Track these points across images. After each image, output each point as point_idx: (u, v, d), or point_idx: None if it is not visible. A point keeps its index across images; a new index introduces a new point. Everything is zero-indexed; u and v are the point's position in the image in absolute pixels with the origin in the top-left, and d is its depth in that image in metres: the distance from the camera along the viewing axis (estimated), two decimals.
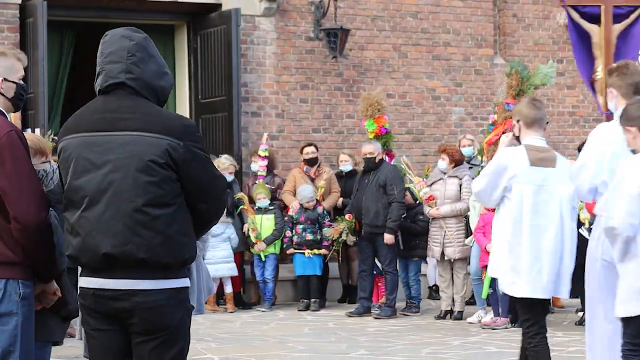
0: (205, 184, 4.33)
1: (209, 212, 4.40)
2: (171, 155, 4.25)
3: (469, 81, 15.27)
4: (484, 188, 6.73)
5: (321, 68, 14.43)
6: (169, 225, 4.24)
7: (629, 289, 5.55)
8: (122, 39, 4.39)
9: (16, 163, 4.50)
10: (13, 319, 4.51)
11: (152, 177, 4.23)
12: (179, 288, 4.32)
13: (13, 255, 4.52)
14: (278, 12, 14.19)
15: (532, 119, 6.63)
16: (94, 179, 4.28)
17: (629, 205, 5.46)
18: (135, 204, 4.22)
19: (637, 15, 8.46)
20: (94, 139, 4.32)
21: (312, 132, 14.34)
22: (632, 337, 5.58)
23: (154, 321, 4.27)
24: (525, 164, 6.55)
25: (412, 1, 15.00)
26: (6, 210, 4.48)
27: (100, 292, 4.29)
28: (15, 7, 12.94)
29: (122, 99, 4.36)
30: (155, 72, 4.40)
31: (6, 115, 4.69)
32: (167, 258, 4.25)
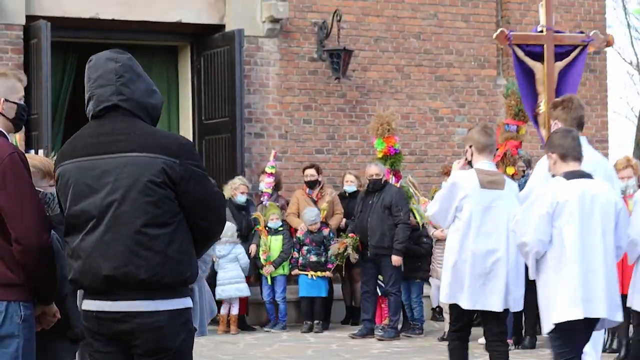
0: (204, 201, 4.33)
1: (209, 228, 4.40)
2: (168, 174, 4.25)
3: (472, 102, 15.27)
4: (439, 210, 7.39)
5: (324, 89, 14.44)
6: (168, 245, 4.24)
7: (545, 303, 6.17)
8: (107, 61, 4.40)
9: (18, 185, 4.50)
10: (14, 341, 4.50)
11: (150, 197, 4.23)
12: (180, 309, 4.31)
13: (14, 277, 4.51)
14: (281, 33, 14.21)
15: (483, 144, 7.28)
16: (94, 202, 4.29)
17: (538, 224, 6.08)
18: (134, 225, 4.22)
19: (577, 53, 9.14)
20: (90, 163, 4.33)
21: (316, 152, 14.33)
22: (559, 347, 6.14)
23: (156, 342, 4.26)
24: (476, 186, 7.17)
25: (415, 22, 15.02)
26: (8, 232, 4.48)
27: (102, 315, 4.29)
28: (19, 28, 12.97)
29: (115, 121, 4.36)
30: (145, 90, 4.41)
31: (7, 136, 4.68)
32: (168, 278, 4.24)
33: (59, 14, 13.17)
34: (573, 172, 6.20)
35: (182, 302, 4.32)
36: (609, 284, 6.16)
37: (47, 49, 12.69)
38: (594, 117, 15.98)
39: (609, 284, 6.16)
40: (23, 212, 4.47)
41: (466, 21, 15.27)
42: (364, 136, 14.12)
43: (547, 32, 9.05)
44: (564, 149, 6.25)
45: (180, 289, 4.31)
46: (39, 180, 4.91)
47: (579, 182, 6.15)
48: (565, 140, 6.26)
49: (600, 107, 16.10)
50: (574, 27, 15.86)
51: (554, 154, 6.28)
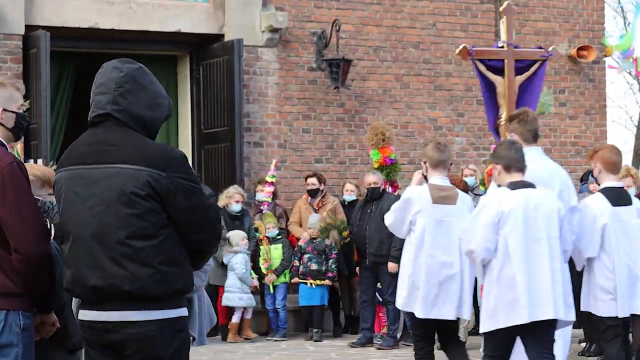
0: (195, 214, 4.28)
1: (201, 242, 4.35)
2: (153, 186, 4.22)
3: (471, 111, 15.28)
4: (393, 221, 7.83)
5: (323, 98, 14.45)
6: (154, 257, 4.21)
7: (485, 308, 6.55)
8: (112, 70, 4.40)
9: (18, 194, 4.51)
10: (14, 351, 4.50)
11: (135, 210, 4.22)
12: (172, 319, 4.28)
13: (14, 287, 4.52)
14: (280, 42, 14.23)
15: (437, 160, 7.65)
16: (81, 212, 4.30)
17: (484, 232, 6.42)
18: (118, 237, 4.22)
19: (537, 67, 9.55)
20: (81, 172, 4.34)
21: (315, 162, 14.35)
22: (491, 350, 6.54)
23: (147, 352, 4.26)
24: (428, 201, 7.57)
25: (414, 32, 15.04)
26: (7, 242, 4.48)
27: (95, 325, 4.30)
28: (19, 38, 12.98)
29: (109, 131, 4.36)
30: (145, 103, 4.37)
31: (6, 146, 4.69)
32: (155, 290, 4.22)
33: (59, 23, 13.19)
34: (517, 182, 6.53)
35: (175, 312, 4.30)
36: (556, 287, 6.44)
37: (47, 58, 12.70)
38: (593, 126, 15.99)
39: (556, 287, 6.44)
40: (22, 222, 4.47)
41: (465, 31, 15.30)
42: (363, 145, 14.12)
43: (508, 47, 9.47)
44: (508, 160, 6.58)
45: (172, 300, 4.29)
46: (38, 189, 4.92)
47: (523, 192, 6.48)
48: (509, 152, 6.59)
49: (599, 117, 16.12)
50: (572, 37, 15.91)
51: (499, 165, 6.64)
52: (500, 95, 9.40)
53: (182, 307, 4.36)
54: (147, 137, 4.38)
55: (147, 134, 4.39)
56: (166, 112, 4.47)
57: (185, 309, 4.38)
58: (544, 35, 15.72)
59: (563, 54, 15.71)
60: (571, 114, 15.82)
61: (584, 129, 15.87)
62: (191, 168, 4.38)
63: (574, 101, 15.86)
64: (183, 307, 4.36)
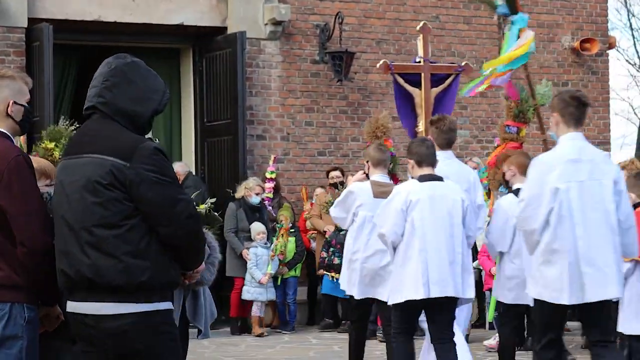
0: (159, 207, 4.26)
1: (171, 236, 4.29)
2: (116, 176, 4.25)
3: (474, 104, 15.27)
4: (337, 214, 8.61)
5: (326, 91, 14.44)
6: (117, 247, 4.23)
7: (392, 284, 7.44)
8: (105, 65, 4.49)
9: (23, 188, 4.52)
10: (18, 343, 4.51)
11: (97, 198, 4.26)
12: (149, 312, 4.27)
13: (18, 279, 4.53)
14: (283, 35, 14.22)
15: (378, 160, 8.44)
16: (61, 200, 4.40)
17: (394, 217, 7.29)
18: (84, 225, 4.28)
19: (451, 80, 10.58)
20: (68, 162, 4.45)
21: (318, 155, 14.35)
22: (397, 323, 7.44)
23: (124, 346, 4.28)
24: (370, 196, 8.26)
25: (417, 24, 15.00)
26: (12, 234, 4.50)
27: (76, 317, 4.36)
28: (22, 31, 12.98)
29: (94, 123, 4.45)
30: (132, 97, 4.40)
31: (12, 139, 4.70)
32: (118, 280, 4.22)
33: (61, 16, 13.19)
34: (426, 175, 7.40)
35: (151, 305, 4.27)
36: (455, 267, 7.26)
37: (50, 51, 12.70)
38: (596, 118, 15.99)
39: (455, 267, 7.26)
40: (28, 215, 4.50)
41: (468, 23, 15.28)
42: None
43: (424, 62, 10.56)
44: (419, 156, 7.44)
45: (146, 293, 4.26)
46: None
47: (430, 184, 7.36)
48: (420, 149, 7.45)
49: (602, 109, 16.11)
50: (576, 30, 15.90)
51: (412, 160, 7.51)
52: (418, 105, 10.42)
53: (163, 300, 4.32)
54: (133, 130, 4.40)
55: (133, 127, 4.42)
56: (155, 107, 4.47)
57: (166, 303, 4.35)
58: (547, 28, 15.71)
59: (566, 47, 15.70)
60: None
61: (587, 122, 15.82)
62: (163, 161, 4.33)
63: None
64: (163, 302, 4.33)
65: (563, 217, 6.41)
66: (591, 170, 6.48)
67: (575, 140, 6.53)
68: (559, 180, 6.43)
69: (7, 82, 4.71)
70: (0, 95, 4.68)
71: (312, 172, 14.27)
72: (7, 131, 4.69)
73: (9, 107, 4.70)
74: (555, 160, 6.51)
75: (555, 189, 6.41)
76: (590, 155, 6.55)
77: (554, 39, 15.75)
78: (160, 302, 4.32)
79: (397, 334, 7.51)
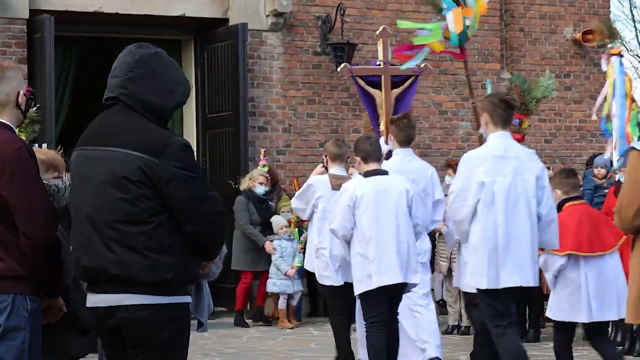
0: (187, 205, 4.22)
1: (196, 234, 4.27)
2: (145, 172, 4.19)
3: (476, 95, 15.22)
4: (298, 205, 9.19)
5: (328, 83, 14.43)
6: (143, 244, 4.19)
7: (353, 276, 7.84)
8: (127, 54, 4.39)
9: (26, 179, 4.51)
10: (21, 334, 4.51)
11: (125, 194, 4.20)
12: (164, 305, 4.26)
13: (21, 270, 4.52)
14: (285, 27, 14.20)
15: (335, 154, 8.92)
16: (81, 192, 4.33)
17: (342, 213, 7.73)
18: (107, 220, 4.22)
19: (411, 82, 11.14)
20: (87, 153, 4.37)
21: (319, 146, 14.32)
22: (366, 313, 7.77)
23: (141, 337, 4.27)
24: (328, 188, 8.75)
25: (419, 16, 14.98)
26: (15, 226, 4.49)
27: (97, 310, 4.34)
28: (23, 22, 12.96)
29: (117, 114, 4.37)
30: (156, 89, 4.34)
31: (14, 130, 4.70)
32: (143, 277, 4.20)
33: (63, 7, 13.17)
34: (371, 170, 7.79)
35: (169, 299, 4.26)
36: (401, 256, 7.64)
37: (51, 42, 12.69)
38: None
39: (401, 256, 7.64)
40: (31, 206, 4.48)
41: None
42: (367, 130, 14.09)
43: (384, 65, 11.04)
44: (365, 152, 7.82)
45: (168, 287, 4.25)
46: (43, 172, 4.93)
47: (375, 178, 7.75)
48: (365, 146, 7.82)
49: None
50: (578, 21, 15.87)
51: (358, 157, 7.90)
52: (379, 106, 10.90)
53: (183, 295, 4.32)
54: (155, 122, 4.35)
55: (156, 119, 4.37)
56: (178, 99, 4.43)
57: (185, 297, 4.35)
58: (549, 19, 15.69)
59: (568, 38, 15.68)
60: (576, 98, 15.78)
61: (589, 114, 15.80)
62: (192, 157, 4.32)
63: (579, 85, 15.82)
64: (183, 295, 4.33)
65: (488, 208, 6.93)
66: (515, 166, 6.99)
67: (501, 139, 7.07)
68: (485, 175, 6.95)
69: (13, 72, 4.72)
70: (10, 86, 4.67)
71: (314, 163, 14.20)
72: (12, 122, 4.68)
73: (19, 97, 4.70)
74: (482, 157, 7.07)
75: (482, 182, 6.93)
76: (515, 153, 7.08)
77: (556, 30, 15.73)
78: (181, 295, 4.32)
79: (369, 324, 7.76)
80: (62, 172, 5.11)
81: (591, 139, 15.67)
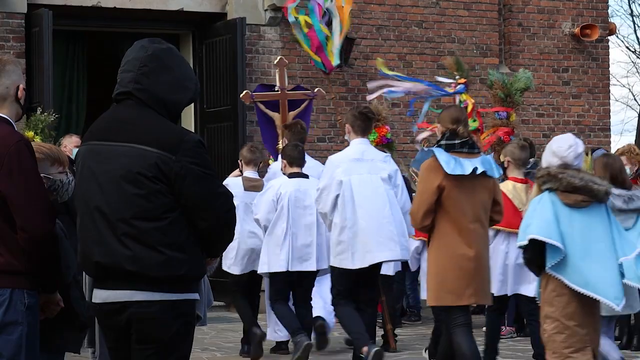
0: (201, 201, 4.23)
1: (208, 230, 4.28)
2: (161, 169, 4.18)
3: (474, 90, 15.22)
4: None
5: (326, 77, 14.41)
6: (159, 240, 4.19)
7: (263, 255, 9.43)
8: (140, 49, 4.37)
9: (25, 173, 4.51)
10: (18, 329, 4.51)
11: (140, 190, 4.19)
12: (175, 301, 4.27)
13: (19, 265, 4.53)
14: (283, 21, 14.19)
15: (249, 159, 9.95)
16: (92, 187, 4.30)
17: (266, 206, 9.29)
18: (123, 216, 4.21)
19: (306, 105, 12.98)
20: (97, 148, 4.34)
21: (317, 141, 14.34)
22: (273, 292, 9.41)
23: (148, 333, 4.27)
24: (242, 189, 9.71)
25: (417, 10, 15.00)
26: (13, 220, 4.49)
27: (103, 307, 4.33)
28: (21, 16, 12.96)
29: (129, 109, 4.34)
30: (169, 84, 4.33)
31: (14, 125, 4.70)
32: (157, 273, 4.20)
33: (61, 2, 13.16)
34: (294, 173, 9.38)
35: (180, 295, 4.28)
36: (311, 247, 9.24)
37: (49, 37, 12.68)
38: (596, 105, 15.97)
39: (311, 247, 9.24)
40: (29, 201, 4.48)
41: (468, 9, 15.26)
42: None
43: (281, 91, 12.92)
44: (290, 158, 9.40)
45: (179, 284, 4.26)
46: (48, 167, 4.93)
47: (296, 180, 9.34)
48: (293, 152, 9.41)
49: (602, 95, 16.09)
50: (576, 15, 15.87)
51: (284, 160, 9.45)
52: (278, 127, 12.57)
53: (188, 291, 4.32)
54: (168, 118, 4.34)
55: (168, 115, 4.35)
56: (191, 96, 4.42)
57: (193, 294, 4.35)
58: (547, 14, 15.69)
59: (567, 33, 15.68)
60: (574, 93, 15.79)
61: (587, 108, 15.84)
62: (206, 154, 4.32)
63: (577, 80, 15.82)
64: (189, 292, 4.33)
65: (346, 202, 8.40)
66: (370, 167, 8.46)
67: (360, 145, 8.57)
68: (343, 174, 8.41)
69: (13, 67, 4.72)
70: (10, 80, 4.67)
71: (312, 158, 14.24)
72: (11, 116, 4.68)
73: (19, 91, 4.70)
74: (342, 159, 8.56)
75: (340, 181, 8.38)
76: (371, 156, 8.58)
77: (554, 25, 15.73)
78: (191, 292, 4.33)
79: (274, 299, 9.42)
80: (66, 166, 5.10)
81: (589, 134, 15.67)
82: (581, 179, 6.31)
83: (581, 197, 6.32)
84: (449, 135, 7.20)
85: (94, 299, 4.38)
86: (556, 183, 6.32)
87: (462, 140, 7.18)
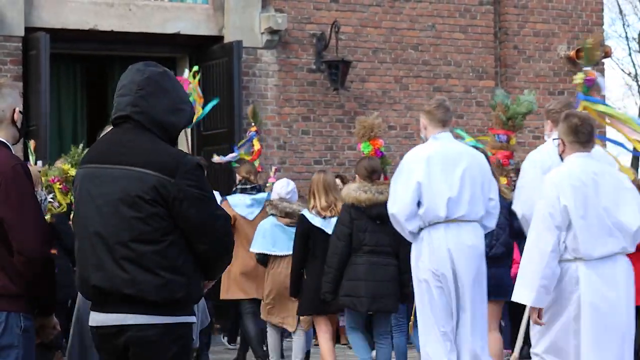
0: (199, 224, 4.22)
1: (207, 253, 4.28)
2: (160, 192, 4.18)
3: (470, 113, 15.30)
4: None
5: (323, 100, 14.47)
6: (157, 263, 4.19)
7: None
8: (136, 72, 4.37)
9: (21, 196, 4.52)
10: (14, 352, 4.51)
11: (139, 213, 4.19)
12: (173, 324, 4.26)
13: (15, 288, 4.52)
14: (280, 44, 14.25)
15: None
16: (90, 210, 4.30)
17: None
18: (121, 239, 4.20)
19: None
20: (95, 171, 4.34)
21: (314, 163, 14.36)
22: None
23: (146, 355, 4.26)
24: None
25: (413, 33, 15.06)
26: (9, 243, 4.49)
27: (100, 330, 4.32)
28: (19, 39, 12.99)
29: (126, 133, 4.34)
30: (167, 107, 4.33)
31: (11, 148, 4.71)
32: (155, 296, 4.19)
33: (58, 25, 13.20)
34: None
35: (178, 318, 4.27)
36: None
37: (46, 60, 12.71)
38: None
39: None
40: (25, 224, 4.48)
41: (464, 32, 15.31)
42: None
43: None
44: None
45: (177, 307, 4.26)
46: None
47: None
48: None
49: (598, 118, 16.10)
50: (571, 38, 15.94)
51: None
52: None
53: (186, 314, 4.32)
54: (166, 141, 4.35)
55: (166, 138, 4.36)
56: (187, 118, 4.43)
57: (191, 316, 4.35)
58: (543, 37, 15.75)
59: (562, 56, 15.73)
60: None
61: None
62: (204, 176, 4.32)
63: None
64: (187, 315, 4.32)
65: None
66: None
67: None
68: None
69: (10, 90, 4.74)
70: (6, 103, 4.69)
71: (309, 181, 14.23)
72: (8, 139, 4.69)
73: (14, 114, 4.71)
74: None
75: None
76: None
77: (550, 47, 15.79)
78: (188, 315, 4.33)
79: None
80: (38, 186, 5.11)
81: None
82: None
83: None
84: None
85: (90, 322, 4.37)
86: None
87: None
